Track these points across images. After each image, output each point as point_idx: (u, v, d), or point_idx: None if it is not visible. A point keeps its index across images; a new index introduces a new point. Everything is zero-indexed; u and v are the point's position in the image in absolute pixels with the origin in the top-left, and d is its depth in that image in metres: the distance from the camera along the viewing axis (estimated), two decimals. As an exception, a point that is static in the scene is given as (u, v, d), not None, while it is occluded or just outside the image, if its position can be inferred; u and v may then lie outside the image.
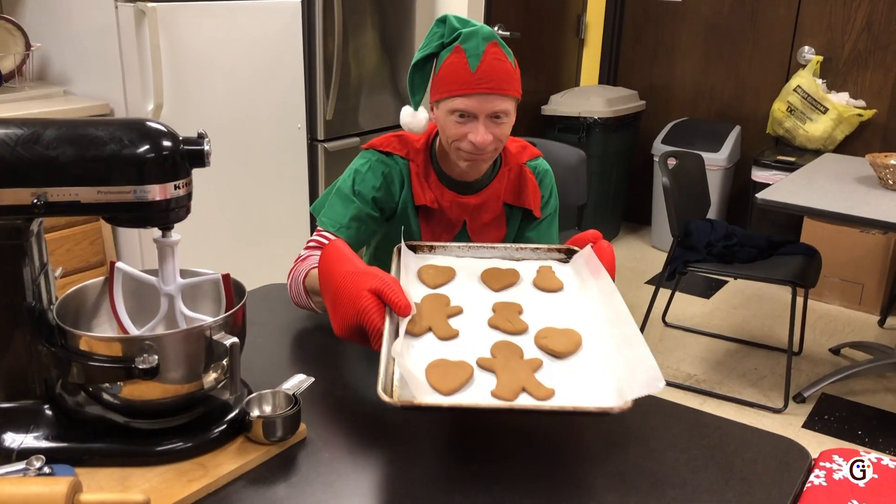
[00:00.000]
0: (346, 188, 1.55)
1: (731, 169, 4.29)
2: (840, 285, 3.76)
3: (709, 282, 4.06)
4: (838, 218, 2.54)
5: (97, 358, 0.99)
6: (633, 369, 1.00)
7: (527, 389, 1.03)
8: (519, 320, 1.20)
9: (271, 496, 1.01)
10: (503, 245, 1.40)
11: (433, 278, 1.30)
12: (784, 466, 1.11)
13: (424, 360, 1.07)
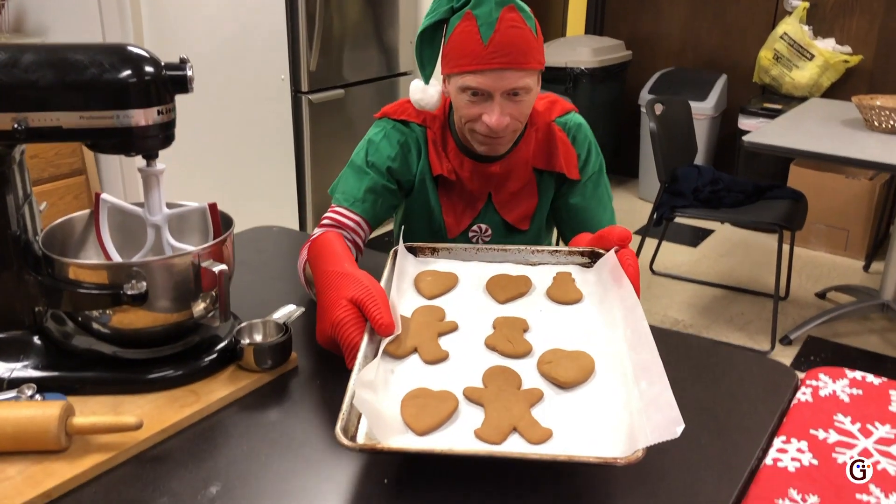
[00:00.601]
0: (359, 160, 1.40)
1: (718, 118, 4.28)
2: (826, 231, 3.79)
3: (696, 231, 4.08)
4: (825, 159, 2.55)
5: (85, 285, 0.99)
6: (648, 409, 0.84)
7: (518, 430, 0.86)
8: (522, 340, 1.02)
9: (264, 420, 1.01)
10: (517, 247, 1.22)
11: (431, 287, 1.14)
12: (771, 385, 1.12)
13: (403, 389, 0.92)
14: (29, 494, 0.84)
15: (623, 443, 0.83)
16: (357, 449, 0.80)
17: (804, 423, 1.03)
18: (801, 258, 3.73)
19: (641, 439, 0.79)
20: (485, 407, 0.90)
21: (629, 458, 0.78)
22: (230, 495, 0.87)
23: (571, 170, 1.40)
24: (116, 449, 0.92)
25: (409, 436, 0.85)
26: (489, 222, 1.43)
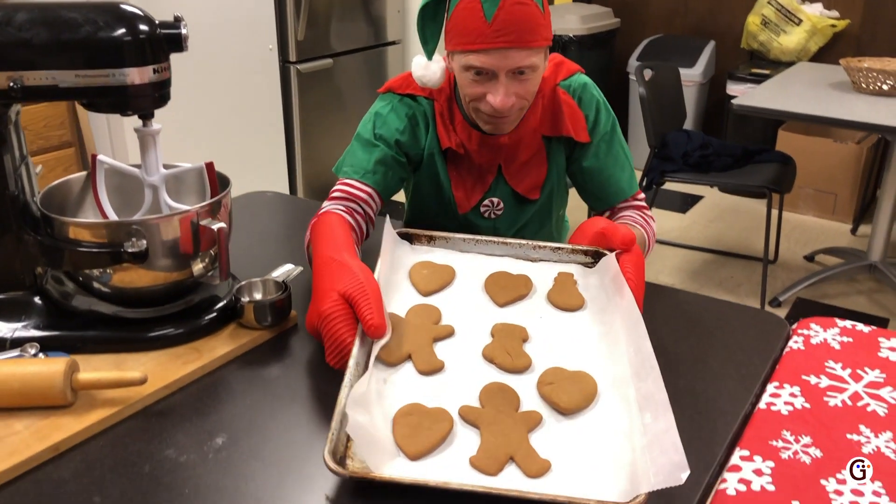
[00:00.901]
0: (366, 133, 1.35)
1: (707, 84, 4.28)
2: (814, 195, 3.81)
3: (685, 197, 4.09)
4: (813, 121, 2.56)
5: (85, 244, 1.00)
6: (652, 448, 0.80)
7: (516, 460, 0.82)
8: (521, 353, 0.98)
9: (265, 375, 1.03)
10: (518, 241, 1.18)
11: (427, 282, 1.10)
12: (763, 335, 1.14)
13: (396, 402, 0.89)
14: (37, 447, 0.85)
15: (624, 482, 0.79)
16: (347, 476, 0.78)
17: (796, 369, 1.05)
18: (790, 222, 3.76)
19: (644, 483, 0.77)
20: (481, 430, 0.86)
21: (631, 503, 0.75)
22: (236, 446, 0.88)
23: (580, 132, 1.35)
24: (121, 404, 0.93)
25: (401, 460, 0.82)
26: (500, 195, 1.40)
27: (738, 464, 0.87)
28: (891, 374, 1.05)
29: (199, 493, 0.81)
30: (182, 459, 0.86)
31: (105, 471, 0.84)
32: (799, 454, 0.89)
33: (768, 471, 0.86)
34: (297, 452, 0.88)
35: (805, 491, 0.83)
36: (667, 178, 2.93)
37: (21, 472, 0.84)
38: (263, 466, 0.85)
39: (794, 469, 0.87)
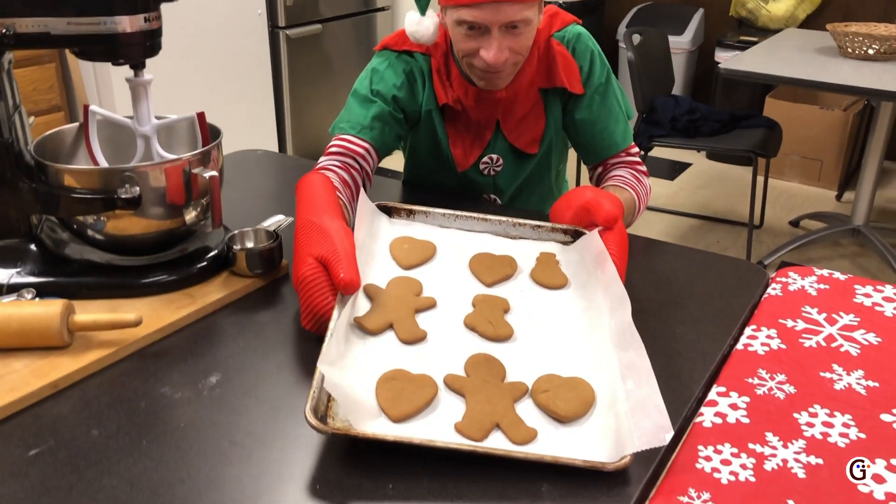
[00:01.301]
0: (363, 89, 1.34)
1: (695, 52, 4.29)
2: (800, 162, 3.84)
3: (673, 164, 4.12)
4: (799, 84, 2.58)
5: (79, 191, 1.01)
6: (636, 413, 0.81)
7: (501, 427, 0.81)
8: (503, 323, 0.98)
9: (257, 320, 1.05)
10: (497, 217, 1.17)
11: (407, 256, 1.09)
12: (743, 283, 1.17)
13: (378, 369, 0.87)
14: (36, 384, 0.88)
15: (609, 446, 0.80)
16: (329, 432, 0.76)
17: (774, 314, 1.08)
18: (776, 189, 3.79)
19: (629, 445, 0.77)
20: (466, 398, 0.85)
21: (617, 464, 0.76)
22: (229, 384, 0.91)
23: (574, 83, 1.34)
24: (117, 345, 0.95)
25: (384, 421, 0.80)
26: (499, 151, 1.40)
27: (714, 399, 0.91)
28: (865, 318, 1.08)
29: (194, 426, 0.84)
30: (177, 396, 0.89)
31: (102, 406, 0.87)
32: (773, 390, 0.92)
33: (743, 405, 0.89)
34: (288, 390, 0.90)
35: (778, 423, 0.87)
36: (654, 142, 2.95)
37: (21, 408, 0.86)
38: (256, 402, 0.88)
39: (768, 404, 0.90)
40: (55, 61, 2.66)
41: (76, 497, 0.74)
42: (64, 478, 0.76)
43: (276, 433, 0.83)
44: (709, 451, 0.82)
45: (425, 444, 0.77)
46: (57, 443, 0.81)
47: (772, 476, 0.79)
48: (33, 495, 0.74)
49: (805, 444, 0.84)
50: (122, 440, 0.82)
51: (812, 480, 0.79)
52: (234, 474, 0.77)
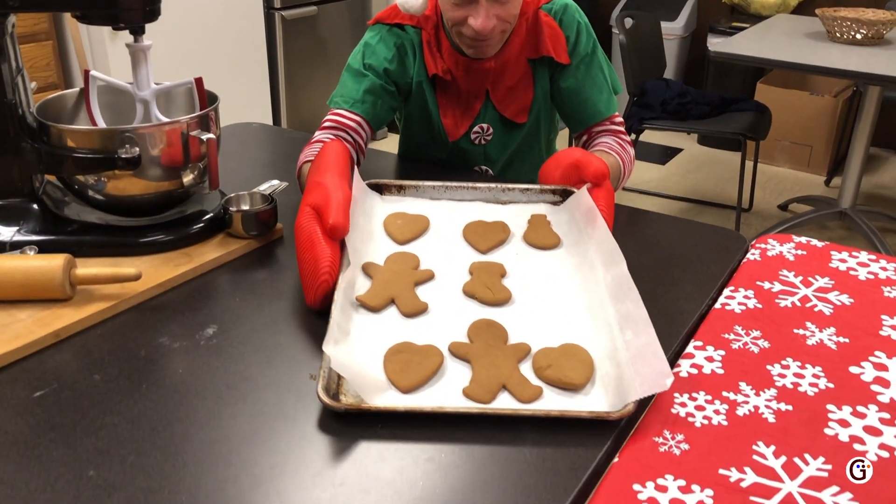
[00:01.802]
0: (356, 63, 1.38)
1: (688, 38, 4.32)
2: (789, 147, 3.88)
3: (665, 149, 4.16)
4: (788, 67, 2.61)
5: (81, 151, 1.04)
6: (635, 361, 0.83)
7: (508, 388, 0.84)
8: (500, 287, 1.00)
9: (253, 278, 1.08)
10: (486, 185, 1.20)
11: (402, 231, 1.11)
12: (723, 249, 1.21)
13: (384, 344, 0.90)
14: (39, 333, 0.91)
15: (613, 396, 0.82)
16: (342, 409, 0.79)
17: (752, 276, 1.12)
18: (766, 173, 3.83)
19: (631, 392, 0.80)
20: (472, 363, 0.87)
21: (622, 412, 0.79)
22: (226, 335, 0.94)
23: (560, 53, 1.36)
24: (117, 298, 0.99)
25: (394, 393, 0.83)
26: (489, 121, 1.44)
27: (691, 352, 0.94)
28: (839, 280, 1.12)
29: (192, 372, 0.88)
30: (175, 346, 0.92)
31: (104, 354, 0.90)
32: (748, 345, 0.96)
33: (719, 358, 0.93)
34: (283, 339, 0.94)
35: (752, 374, 0.90)
36: (645, 125, 2.98)
37: (25, 355, 0.89)
38: (252, 351, 0.92)
39: (742, 357, 0.94)
40: (52, 39, 2.68)
41: (80, 433, 0.78)
42: (67, 416, 0.80)
43: (271, 378, 0.87)
44: (684, 398, 0.86)
45: (436, 411, 0.79)
46: (60, 386, 0.85)
47: (743, 420, 0.83)
48: (39, 431, 0.78)
49: (776, 392, 0.87)
50: (123, 384, 0.85)
51: (781, 424, 0.82)
52: (230, 413, 0.81)
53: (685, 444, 0.79)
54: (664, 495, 0.72)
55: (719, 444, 0.79)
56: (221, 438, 0.78)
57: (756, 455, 0.78)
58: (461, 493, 0.72)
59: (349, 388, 0.82)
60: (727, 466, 0.76)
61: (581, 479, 0.73)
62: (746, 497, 0.73)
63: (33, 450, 0.75)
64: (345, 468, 0.74)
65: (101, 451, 0.75)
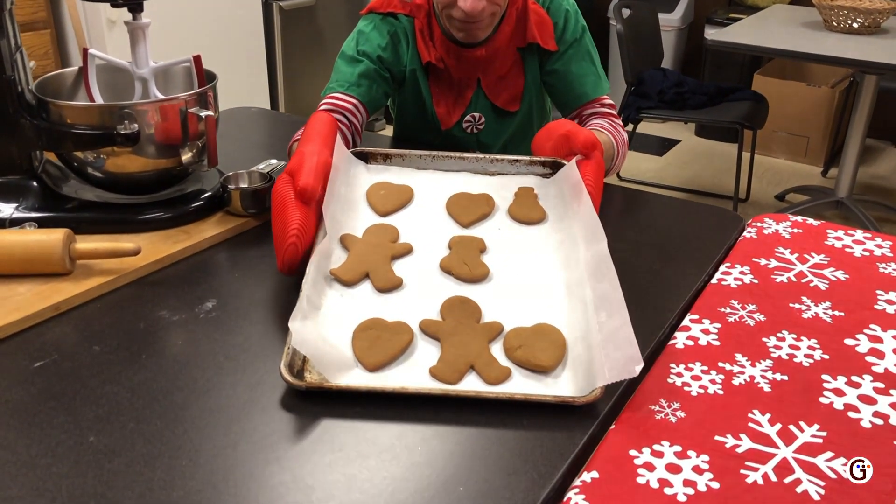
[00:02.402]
0: (350, 50, 1.38)
1: (685, 30, 4.32)
2: (786, 139, 3.89)
3: (662, 141, 4.16)
4: (785, 55, 2.62)
5: (79, 127, 1.05)
6: (607, 345, 0.81)
7: (476, 368, 0.82)
8: (479, 263, 0.98)
9: (251, 255, 1.09)
10: (475, 155, 1.17)
11: (384, 202, 1.08)
12: (720, 228, 1.22)
13: (355, 318, 0.88)
14: (39, 306, 0.91)
15: (582, 380, 0.81)
16: (304, 387, 0.77)
17: (748, 253, 1.13)
18: (763, 164, 3.84)
19: (600, 377, 0.78)
20: (441, 342, 0.86)
21: (587, 398, 0.77)
22: (224, 309, 0.95)
23: (547, 40, 1.38)
24: (117, 273, 0.99)
25: (359, 371, 0.82)
26: (481, 110, 1.44)
27: (687, 325, 0.95)
28: (835, 257, 1.12)
29: (191, 343, 0.88)
30: (175, 319, 0.93)
31: (103, 326, 0.91)
32: (744, 318, 0.97)
33: (715, 331, 0.94)
34: (282, 314, 0.94)
35: (747, 346, 0.91)
36: (643, 114, 2.99)
37: (25, 327, 0.90)
38: (250, 324, 0.92)
39: (738, 329, 0.94)
40: (50, 27, 2.68)
41: (80, 402, 0.78)
42: (68, 385, 0.80)
43: (270, 350, 0.87)
44: (680, 369, 0.86)
45: (397, 391, 0.78)
46: (60, 356, 0.85)
47: (739, 389, 0.83)
48: (40, 400, 0.78)
49: (772, 363, 0.88)
50: (122, 355, 0.86)
51: (777, 393, 0.83)
52: (229, 382, 0.81)
53: (681, 411, 0.80)
54: (660, 460, 0.73)
55: (715, 411, 0.80)
56: (221, 407, 0.78)
57: (751, 422, 0.78)
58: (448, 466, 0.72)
59: (314, 365, 0.81)
60: (723, 433, 0.77)
61: (559, 469, 0.73)
62: (742, 462, 0.73)
63: (34, 417, 0.76)
64: (342, 434, 0.75)
65: (101, 419, 0.76)
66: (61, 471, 0.69)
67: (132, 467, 0.70)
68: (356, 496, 0.68)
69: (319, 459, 0.72)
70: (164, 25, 2.80)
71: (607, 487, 0.70)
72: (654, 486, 0.70)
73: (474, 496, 0.68)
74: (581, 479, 0.70)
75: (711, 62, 4.03)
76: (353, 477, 0.70)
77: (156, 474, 0.69)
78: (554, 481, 0.70)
